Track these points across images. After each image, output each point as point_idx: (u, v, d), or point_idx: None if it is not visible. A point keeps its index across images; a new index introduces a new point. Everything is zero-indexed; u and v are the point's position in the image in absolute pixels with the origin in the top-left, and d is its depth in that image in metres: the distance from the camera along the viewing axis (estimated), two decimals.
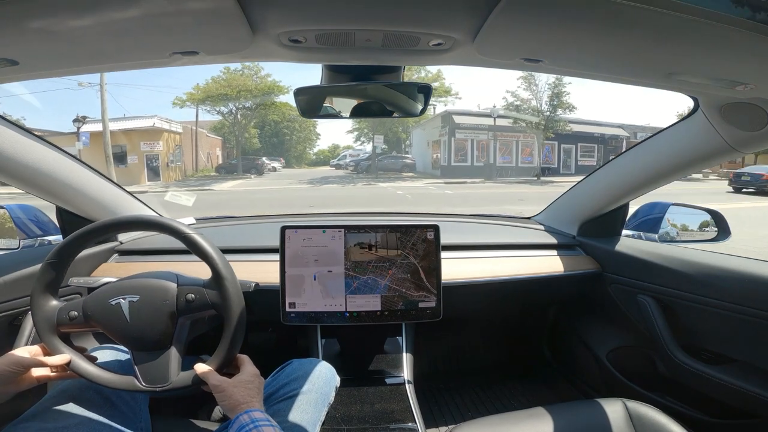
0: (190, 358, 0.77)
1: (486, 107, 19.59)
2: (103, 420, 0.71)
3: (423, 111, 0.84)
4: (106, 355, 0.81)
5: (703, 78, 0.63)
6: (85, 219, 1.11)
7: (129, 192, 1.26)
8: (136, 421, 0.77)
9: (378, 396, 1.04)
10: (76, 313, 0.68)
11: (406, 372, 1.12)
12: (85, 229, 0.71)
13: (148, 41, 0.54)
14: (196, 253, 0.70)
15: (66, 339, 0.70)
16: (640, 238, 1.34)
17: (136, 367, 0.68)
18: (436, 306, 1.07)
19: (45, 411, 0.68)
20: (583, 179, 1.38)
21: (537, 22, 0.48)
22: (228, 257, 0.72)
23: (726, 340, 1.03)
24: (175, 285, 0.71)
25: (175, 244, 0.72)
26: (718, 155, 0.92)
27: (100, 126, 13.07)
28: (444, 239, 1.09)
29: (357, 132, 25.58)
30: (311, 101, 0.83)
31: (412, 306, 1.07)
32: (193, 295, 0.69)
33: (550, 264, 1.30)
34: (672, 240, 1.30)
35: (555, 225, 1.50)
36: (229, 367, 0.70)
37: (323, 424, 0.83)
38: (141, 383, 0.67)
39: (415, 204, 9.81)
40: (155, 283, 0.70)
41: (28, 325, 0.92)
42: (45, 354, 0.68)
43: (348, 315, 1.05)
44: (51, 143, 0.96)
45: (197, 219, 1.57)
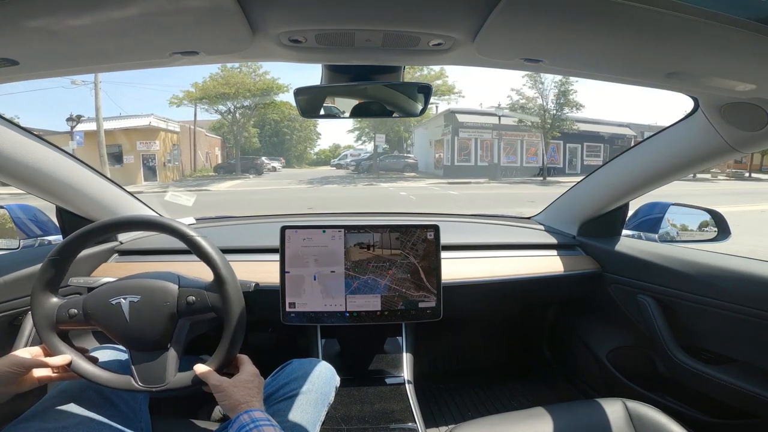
0: (190, 357, 0.77)
1: (489, 106, 19.30)
2: (103, 420, 0.71)
3: (423, 111, 0.85)
4: (106, 355, 0.81)
5: (703, 78, 0.63)
6: (85, 219, 1.11)
7: (129, 192, 1.26)
8: (136, 421, 0.77)
9: (378, 396, 1.04)
10: (75, 311, 0.68)
11: (406, 372, 1.12)
12: (90, 227, 0.71)
13: (148, 41, 0.54)
14: (198, 255, 0.70)
15: (65, 337, 0.70)
16: (640, 238, 1.34)
17: (133, 367, 0.68)
18: (436, 306, 1.07)
19: (45, 411, 0.68)
20: (583, 179, 1.38)
21: (537, 22, 0.48)
22: (228, 257, 0.72)
23: (726, 340, 1.03)
24: (177, 286, 0.71)
25: (175, 244, 0.72)
26: (718, 155, 0.92)
27: (94, 125, 12.76)
28: (444, 239, 1.09)
29: (358, 131, 25.43)
30: (311, 101, 0.84)
31: (412, 306, 1.07)
32: (194, 298, 0.69)
33: (550, 264, 1.30)
34: (672, 240, 1.30)
35: (555, 225, 1.50)
36: (229, 368, 0.70)
37: (323, 423, 0.83)
38: (137, 383, 0.67)
39: (420, 206, 9.43)
40: (156, 284, 0.70)
41: (28, 325, 0.92)
42: (46, 355, 0.68)
43: (348, 315, 1.05)
44: (51, 143, 0.96)
45: (197, 219, 1.57)
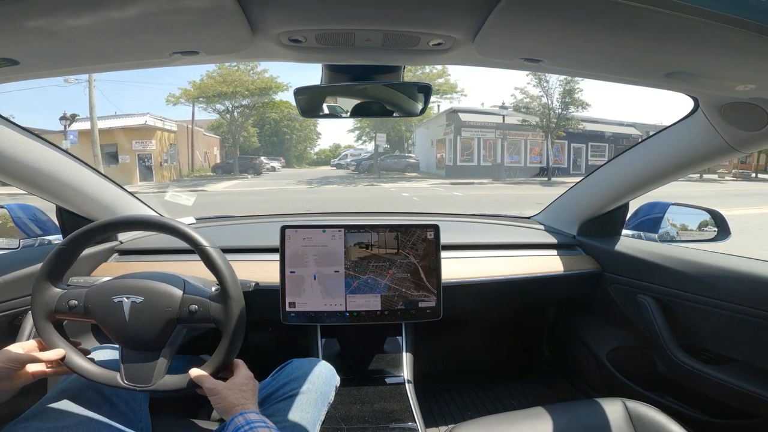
0: (190, 357, 0.77)
1: (491, 105, 19.05)
2: (103, 420, 0.71)
3: (423, 111, 0.84)
4: (106, 354, 0.81)
5: (703, 78, 0.63)
6: (85, 219, 1.11)
7: (129, 192, 1.26)
8: (136, 421, 0.77)
9: (378, 396, 1.04)
10: (76, 303, 0.69)
11: (406, 372, 1.12)
12: (103, 222, 0.72)
13: (148, 41, 0.54)
14: (209, 267, 0.70)
15: (60, 328, 0.70)
16: (640, 237, 1.34)
17: (122, 365, 0.68)
18: (436, 306, 1.07)
19: (45, 411, 0.68)
20: (583, 179, 1.38)
21: (537, 22, 0.48)
22: (228, 257, 0.72)
23: (726, 340, 1.03)
24: (181, 293, 0.71)
25: (175, 243, 0.72)
26: (718, 155, 0.92)
27: (88, 124, 12.52)
28: (444, 239, 1.09)
29: (358, 131, 25.28)
30: (311, 101, 0.84)
31: (412, 306, 1.07)
32: (197, 307, 0.69)
33: (550, 264, 1.30)
34: (672, 240, 1.30)
35: (555, 225, 1.50)
36: (224, 372, 0.71)
37: (323, 423, 0.83)
38: (123, 380, 0.68)
39: (425, 209, 8.80)
40: (161, 288, 0.70)
41: (27, 325, 0.92)
42: (41, 349, 0.68)
43: (348, 315, 1.05)
44: (50, 142, 0.95)
45: (197, 219, 1.57)
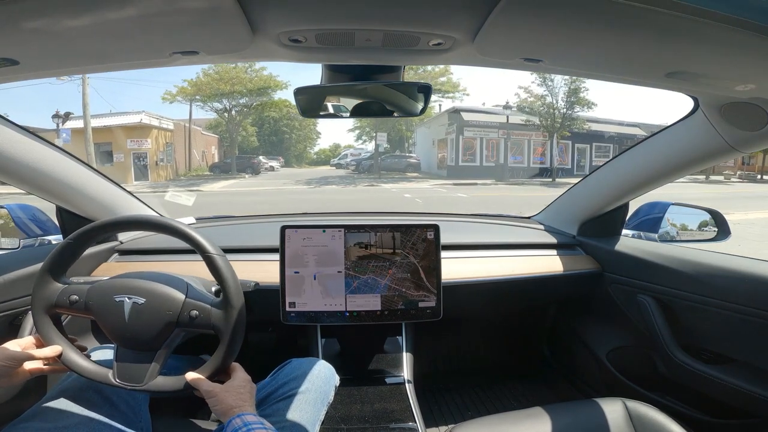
0: (191, 357, 0.77)
1: (494, 105, 18.74)
2: (103, 420, 0.71)
3: (423, 111, 0.85)
4: (106, 354, 0.81)
5: (703, 78, 0.63)
6: (86, 219, 1.11)
7: (129, 192, 1.26)
8: (136, 421, 0.77)
9: (378, 395, 1.04)
10: (77, 298, 0.69)
11: (406, 372, 1.12)
12: (110, 220, 0.73)
13: (148, 41, 0.54)
14: (213, 274, 0.70)
15: (58, 323, 0.71)
16: (640, 237, 1.34)
17: (115, 363, 0.68)
18: (436, 306, 1.07)
19: (45, 411, 0.68)
20: (583, 179, 1.38)
21: (537, 21, 0.48)
22: (228, 257, 0.72)
23: (726, 340, 1.03)
24: (183, 297, 0.70)
25: (175, 243, 0.72)
26: (718, 155, 0.92)
27: (82, 123, 12.20)
28: (444, 239, 1.09)
29: (359, 130, 25.12)
30: (311, 101, 0.84)
31: (412, 306, 1.07)
32: (197, 313, 0.69)
33: (550, 264, 1.30)
34: (672, 240, 1.30)
35: (555, 225, 1.50)
36: (221, 375, 0.71)
37: (322, 423, 0.83)
38: (115, 378, 0.68)
39: (428, 211, 8.56)
40: (164, 290, 0.70)
41: (28, 325, 0.92)
42: (38, 346, 0.68)
43: (348, 314, 1.05)
44: (50, 142, 0.95)
45: (197, 218, 1.57)
